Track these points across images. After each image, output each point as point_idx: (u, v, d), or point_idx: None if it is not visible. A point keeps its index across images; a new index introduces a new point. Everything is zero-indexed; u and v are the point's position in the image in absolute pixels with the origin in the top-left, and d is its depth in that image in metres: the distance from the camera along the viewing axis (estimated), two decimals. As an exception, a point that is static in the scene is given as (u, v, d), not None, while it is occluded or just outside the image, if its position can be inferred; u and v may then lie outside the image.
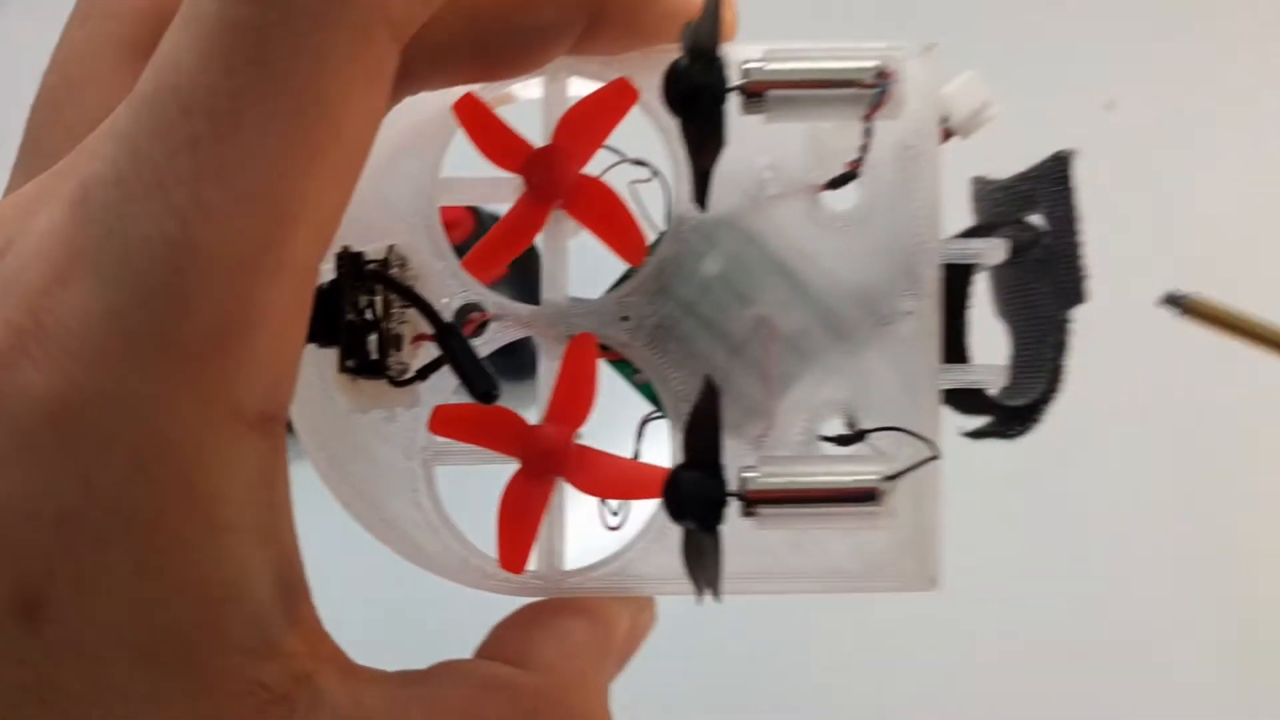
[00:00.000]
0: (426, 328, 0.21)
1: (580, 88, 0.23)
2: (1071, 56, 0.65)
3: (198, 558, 0.16)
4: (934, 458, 0.21)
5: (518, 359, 0.24)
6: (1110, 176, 0.61)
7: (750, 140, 0.23)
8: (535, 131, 0.23)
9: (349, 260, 0.21)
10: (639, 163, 0.24)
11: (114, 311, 0.15)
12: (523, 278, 0.25)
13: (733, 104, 0.20)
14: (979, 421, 0.26)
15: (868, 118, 0.20)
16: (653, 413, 0.25)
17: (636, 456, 0.24)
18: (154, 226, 0.15)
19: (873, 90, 0.20)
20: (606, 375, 0.24)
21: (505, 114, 0.23)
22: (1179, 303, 0.20)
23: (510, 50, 0.21)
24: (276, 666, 0.16)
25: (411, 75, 0.20)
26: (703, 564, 0.20)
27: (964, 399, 0.25)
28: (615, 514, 0.25)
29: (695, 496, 0.20)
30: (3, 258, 0.16)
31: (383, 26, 0.16)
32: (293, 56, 0.15)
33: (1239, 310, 0.20)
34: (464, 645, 0.22)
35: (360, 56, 0.16)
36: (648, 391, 0.24)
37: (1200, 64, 0.65)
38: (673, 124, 0.21)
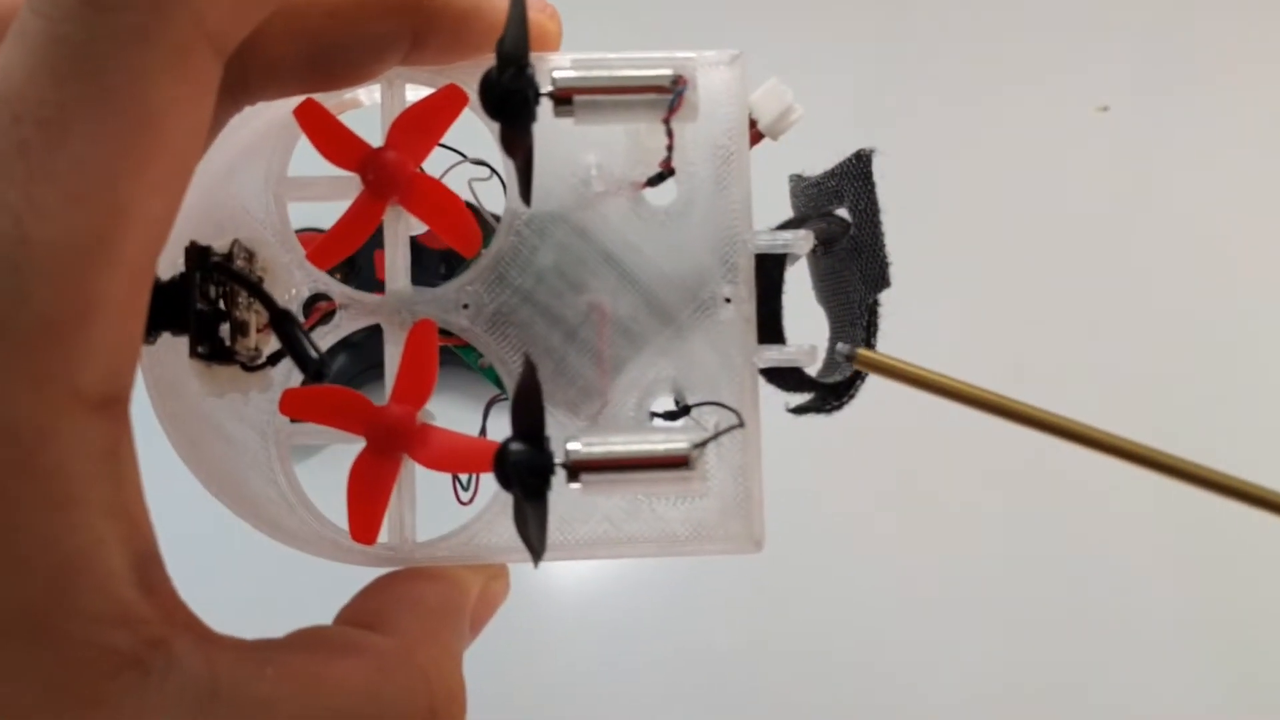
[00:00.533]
0: (261, 304, 0.23)
1: (418, 93, 0.25)
2: (1066, 60, 0.67)
3: (43, 530, 0.17)
4: (740, 425, 0.23)
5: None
6: (1106, 177, 0.64)
7: (577, 140, 0.25)
8: (376, 134, 0.25)
9: (196, 253, 0.23)
10: (479, 162, 0.26)
11: None
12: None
13: (546, 109, 0.22)
14: (802, 398, 0.28)
15: (666, 120, 0.22)
16: (498, 395, 0.26)
17: (483, 434, 0.26)
18: None
19: (669, 95, 0.22)
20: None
21: (349, 118, 0.25)
22: (850, 357, 0.22)
23: (342, 63, 0.22)
24: (128, 633, 0.17)
25: (249, 86, 0.22)
26: (528, 528, 0.22)
27: (786, 377, 0.27)
28: (466, 488, 0.26)
29: (521, 465, 0.21)
30: None
31: (202, 41, 0.17)
32: (116, 70, 0.16)
33: (905, 362, 0.22)
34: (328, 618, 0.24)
35: (181, 69, 0.17)
36: (491, 375, 0.26)
37: (1194, 67, 0.67)
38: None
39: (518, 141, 0.21)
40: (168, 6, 0.16)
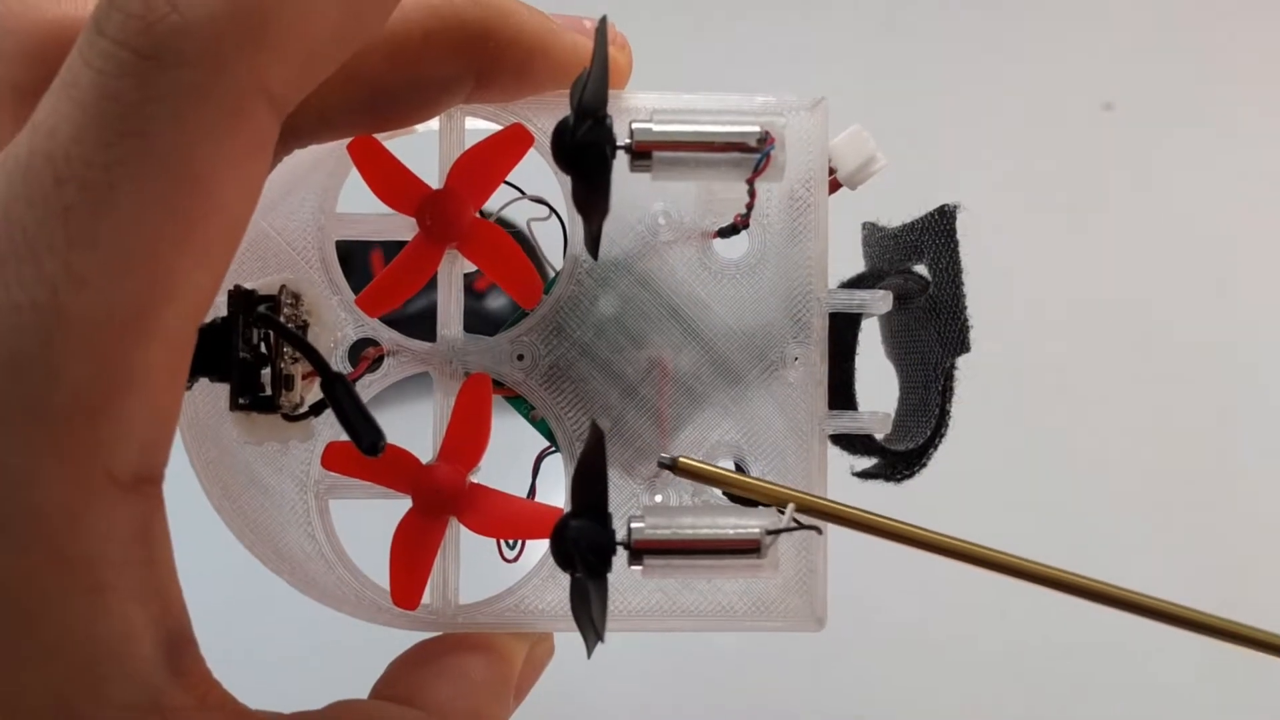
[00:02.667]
0: (313, 366, 0.21)
1: (478, 123, 0.23)
2: (1070, 58, 0.66)
3: (73, 618, 0.16)
4: (817, 531, 0.22)
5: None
6: (1109, 176, 0.63)
7: (645, 187, 0.23)
8: (432, 161, 0.23)
9: (240, 298, 0.21)
10: (538, 200, 0.24)
11: None
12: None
13: (621, 161, 0.20)
14: (868, 461, 0.26)
15: (750, 181, 0.21)
16: (548, 449, 0.25)
17: (532, 492, 0.25)
18: (23, 293, 0.15)
19: (756, 154, 0.20)
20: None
21: (401, 144, 0.23)
22: (672, 467, 0.21)
23: (401, 106, 0.21)
24: None
25: (300, 131, 0.20)
26: (588, 610, 0.20)
27: (853, 441, 0.26)
28: (512, 546, 0.25)
29: (582, 545, 0.20)
30: None
31: (262, 101, 0.16)
32: (170, 131, 0.15)
33: (721, 470, 0.21)
34: (364, 682, 0.22)
35: (239, 131, 0.16)
36: (543, 428, 0.25)
37: (1198, 65, 0.66)
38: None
39: (592, 198, 0.19)
40: (229, 64, 0.15)
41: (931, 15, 0.67)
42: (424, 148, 0.24)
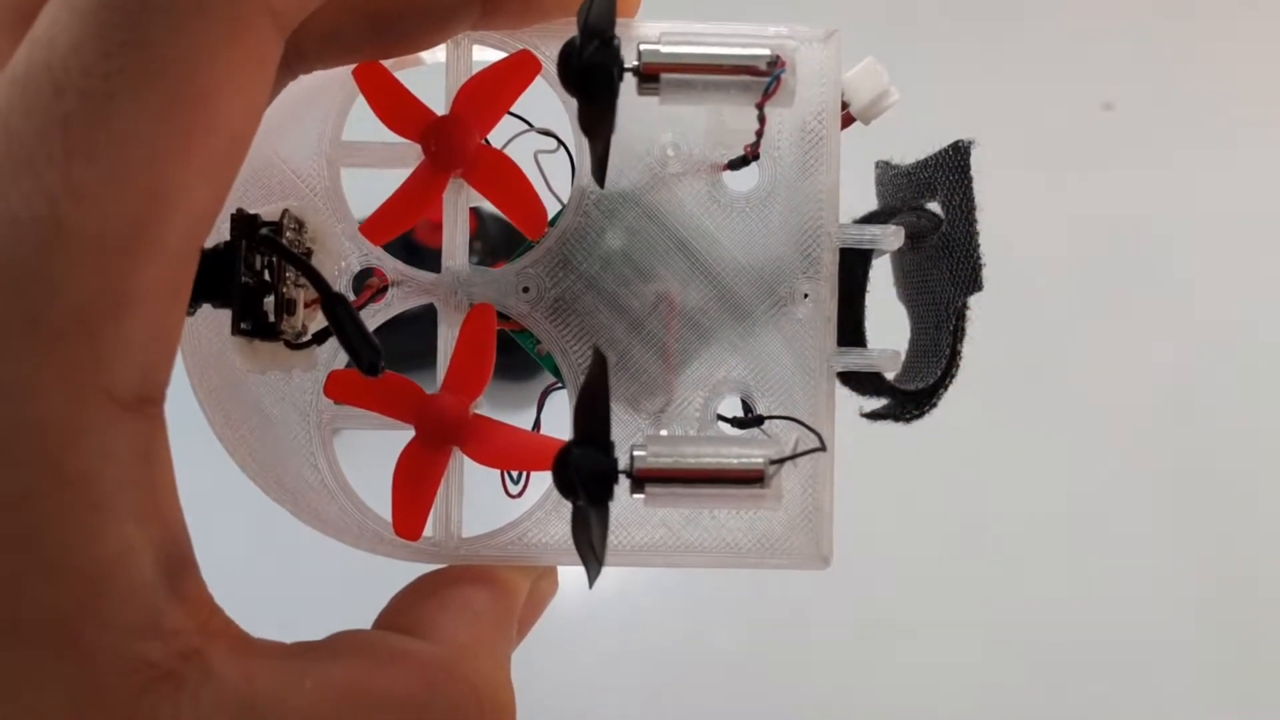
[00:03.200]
0: (313, 287, 0.21)
1: (485, 53, 0.23)
2: (1071, 57, 0.65)
3: (70, 536, 0.16)
4: (821, 448, 0.22)
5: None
6: (1110, 177, 0.62)
7: (653, 117, 0.23)
8: (439, 94, 0.23)
9: (243, 223, 0.21)
10: (545, 132, 0.24)
11: None
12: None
13: (629, 85, 0.20)
14: (877, 402, 0.26)
15: (760, 105, 0.20)
16: (553, 384, 0.25)
17: (537, 425, 0.25)
18: (22, 205, 0.15)
19: (766, 78, 0.20)
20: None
21: (408, 77, 0.23)
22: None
23: (408, 31, 0.20)
24: (161, 644, 0.16)
25: (305, 54, 0.20)
26: (589, 537, 0.20)
27: (861, 381, 0.25)
28: (516, 482, 0.25)
29: (584, 472, 0.20)
30: None
31: (265, 16, 0.16)
32: (171, 42, 0.15)
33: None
34: (366, 613, 0.22)
35: (240, 45, 0.15)
36: (549, 363, 0.24)
37: (1198, 65, 0.66)
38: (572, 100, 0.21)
39: (598, 121, 0.19)
40: None
41: (931, 16, 0.66)
42: (433, 79, 0.24)
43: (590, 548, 0.20)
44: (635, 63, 0.20)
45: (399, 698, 0.19)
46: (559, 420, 0.25)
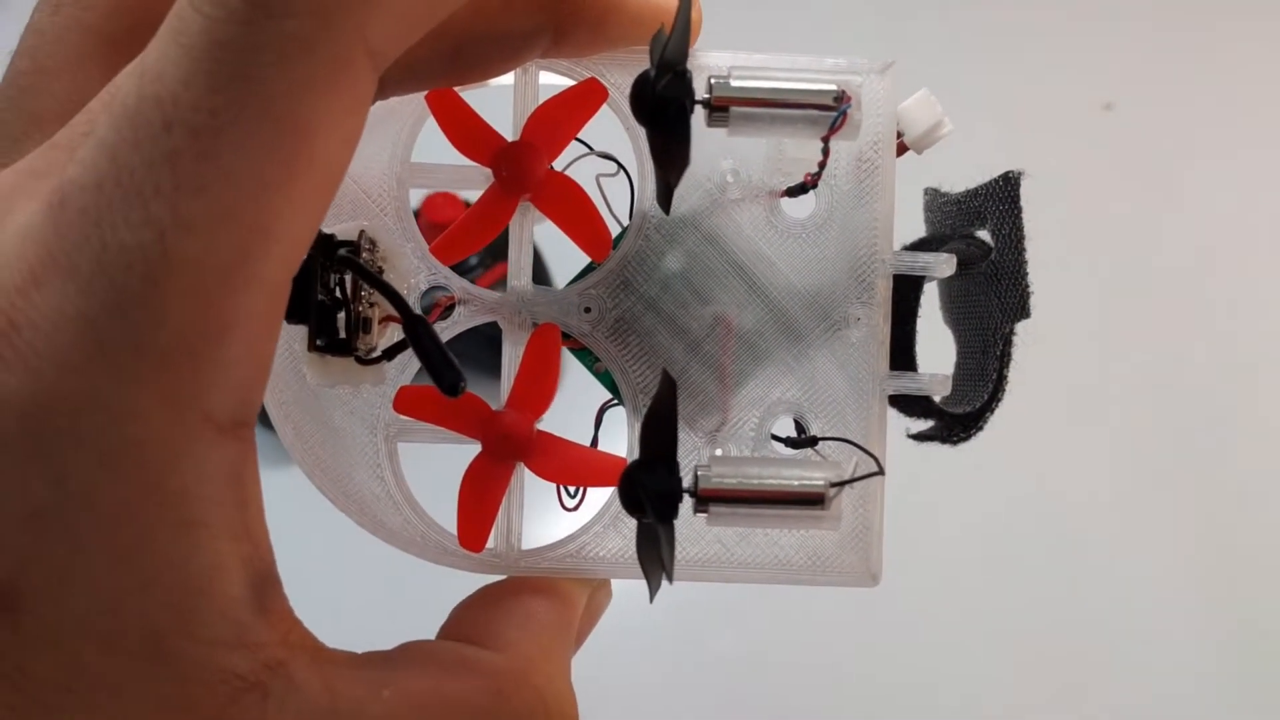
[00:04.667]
0: (395, 309, 0.22)
1: (551, 77, 0.24)
2: (1071, 58, 0.66)
3: (168, 553, 0.16)
4: (879, 473, 0.22)
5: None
6: (1110, 178, 0.63)
7: (714, 144, 0.23)
8: (506, 115, 0.24)
9: (321, 242, 0.22)
10: (606, 156, 0.25)
11: (88, 317, 0.15)
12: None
13: (698, 115, 0.21)
14: (923, 423, 0.27)
15: (826, 139, 0.21)
16: (610, 400, 0.25)
17: (595, 442, 0.25)
18: (131, 235, 0.15)
19: (832, 113, 0.21)
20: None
21: (473, 95, 0.24)
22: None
23: (483, 59, 0.21)
24: (248, 656, 0.17)
25: (385, 83, 0.20)
26: (656, 554, 0.21)
27: (910, 403, 0.26)
28: (572, 495, 0.26)
29: (651, 491, 0.20)
30: None
31: (363, 55, 0.16)
32: (276, 80, 0.15)
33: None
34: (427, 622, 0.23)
35: (341, 83, 0.16)
36: (607, 380, 0.25)
37: (1198, 65, 0.66)
38: (639, 127, 0.22)
39: (671, 152, 0.20)
40: (334, 17, 0.15)
41: (931, 17, 0.67)
42: (496, 100, 0.24)
43: (658, 563, 0.20)
44: (705, 95, 0.21)
45: (471, 706, 0.19)
46: (614, 436, 0.26)
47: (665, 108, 0.20)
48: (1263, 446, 0.59)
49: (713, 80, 0.21)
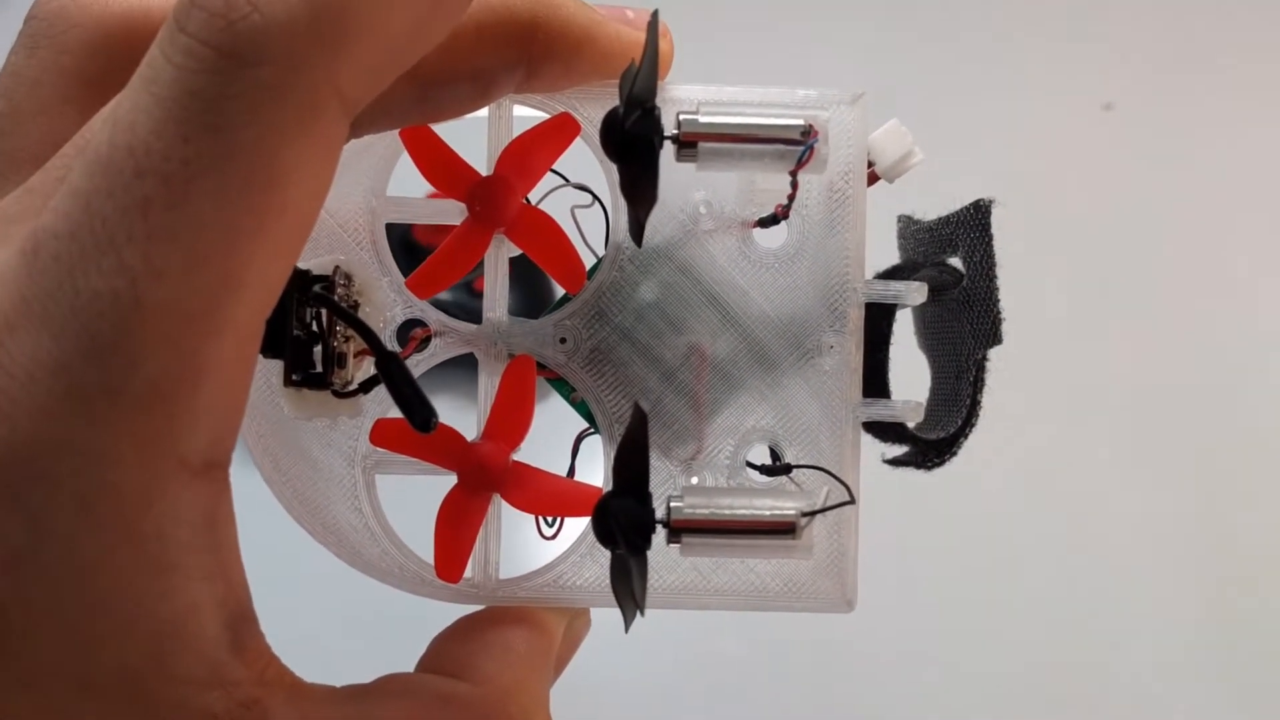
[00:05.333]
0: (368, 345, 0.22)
1: (527, 109, 0.24)
2: (1071, 58, 0.66)
3: (143, 596, 0.16)
4: (850, 502, 0.22)
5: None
6: (1110, 177, 0.63)
7: (687, 175, 0.24)
8: (481, 148, 0.24)
9: (295, 278, 0.22)
10: (581, 188, 0.25)
11: (61, 364, 0.15)
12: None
13: (667, 150, 0.21)
14: (898, 449, 0.27)
15: (794, 173, 0.21)
16: (587, 429, 0.26)
17: (571, 471, 0.26)
18: (103, 282, 0.15)
19: (800, 147, 0.21)
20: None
21: (451, 129, 0.24)
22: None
23: (455, 97, 0.21)
24: (224, 695, 0.17)
25: (358, 122, 0.21)
26: (629, 585, 0.21)
27: (884, 429, 0.26)
28: (551, 524, 0.26)
29: (623, 523, 0.21)
30: None
31: (334, 101, 0.16)
32: (247, 128, 0.15)
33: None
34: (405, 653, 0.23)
35: (312, 131, 0.16)
36: (583, 409, 0.25)
37: (1198, 65, 0.66)
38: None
39: (640, 187, 0.20)
40: (304, 64, 0.16)
41: (930, 17, 0.67)
42: (471, 132, 0.25)
43: (630, 595, 0.21)
44: (674, 131, 0.21)
45: None
46: (591, 465, 0.26)
47: (634, 145, 0.20)
48: (1263, 446, 0.59)
49: (681, 116, 0.21)
